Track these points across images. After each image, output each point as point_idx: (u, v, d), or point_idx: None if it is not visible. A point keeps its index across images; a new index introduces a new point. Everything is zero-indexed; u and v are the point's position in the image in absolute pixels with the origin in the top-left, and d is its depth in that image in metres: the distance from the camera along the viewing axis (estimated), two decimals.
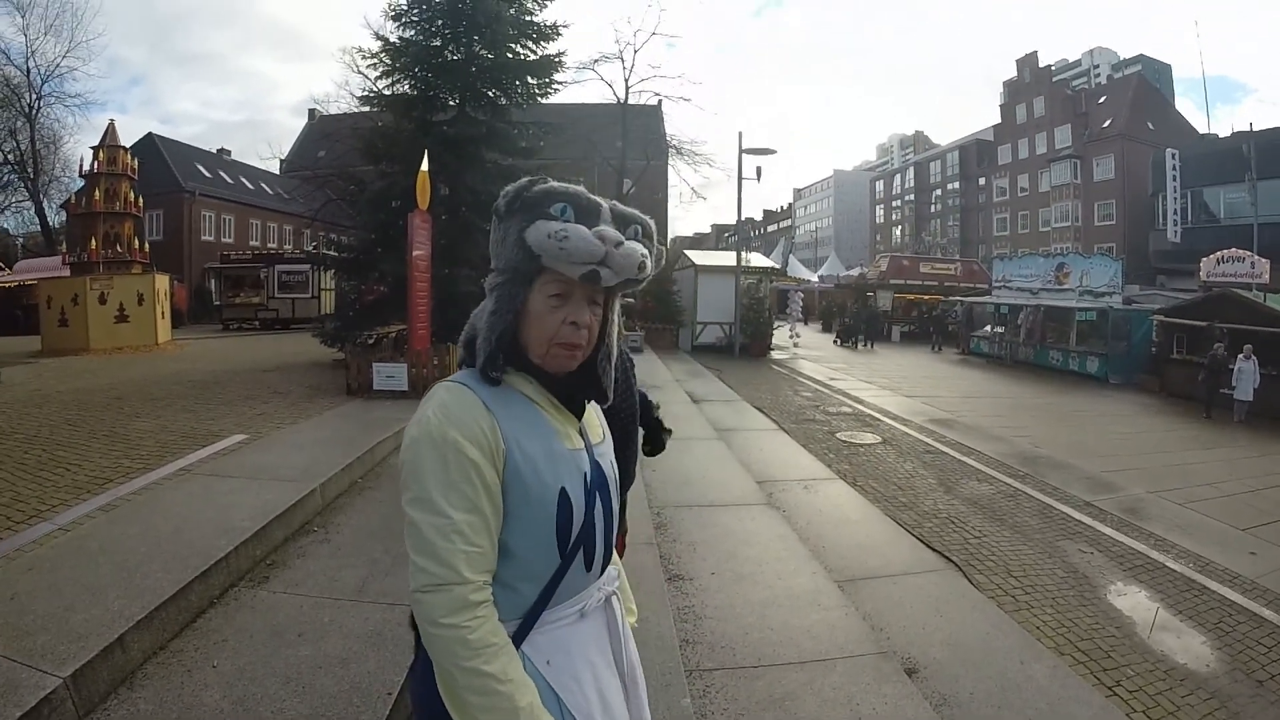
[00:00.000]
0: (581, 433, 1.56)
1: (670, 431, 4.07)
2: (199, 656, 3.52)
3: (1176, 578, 6.32)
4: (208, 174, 40.32)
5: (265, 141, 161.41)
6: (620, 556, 3.87)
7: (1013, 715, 3.86)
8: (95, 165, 19.20)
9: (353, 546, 5.12)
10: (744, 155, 24.49)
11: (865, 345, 31.92)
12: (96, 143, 19.53)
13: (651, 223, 1.58)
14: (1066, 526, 7.54)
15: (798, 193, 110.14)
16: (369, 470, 7.18)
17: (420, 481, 1.32)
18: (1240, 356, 15.77)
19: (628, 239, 1.44)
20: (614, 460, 1.66)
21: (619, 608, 1.67)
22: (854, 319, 33.35)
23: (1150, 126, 49.64)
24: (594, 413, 1.66)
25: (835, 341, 33.24)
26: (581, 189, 1.47)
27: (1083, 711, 3.97)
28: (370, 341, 13.18)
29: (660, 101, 35.20)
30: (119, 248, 19.22)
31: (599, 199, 1.47)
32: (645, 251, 1.47)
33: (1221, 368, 16.16)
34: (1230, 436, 13.96)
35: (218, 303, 32.55)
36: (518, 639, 1.39)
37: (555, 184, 1.45)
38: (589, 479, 1.50)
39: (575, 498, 1.45)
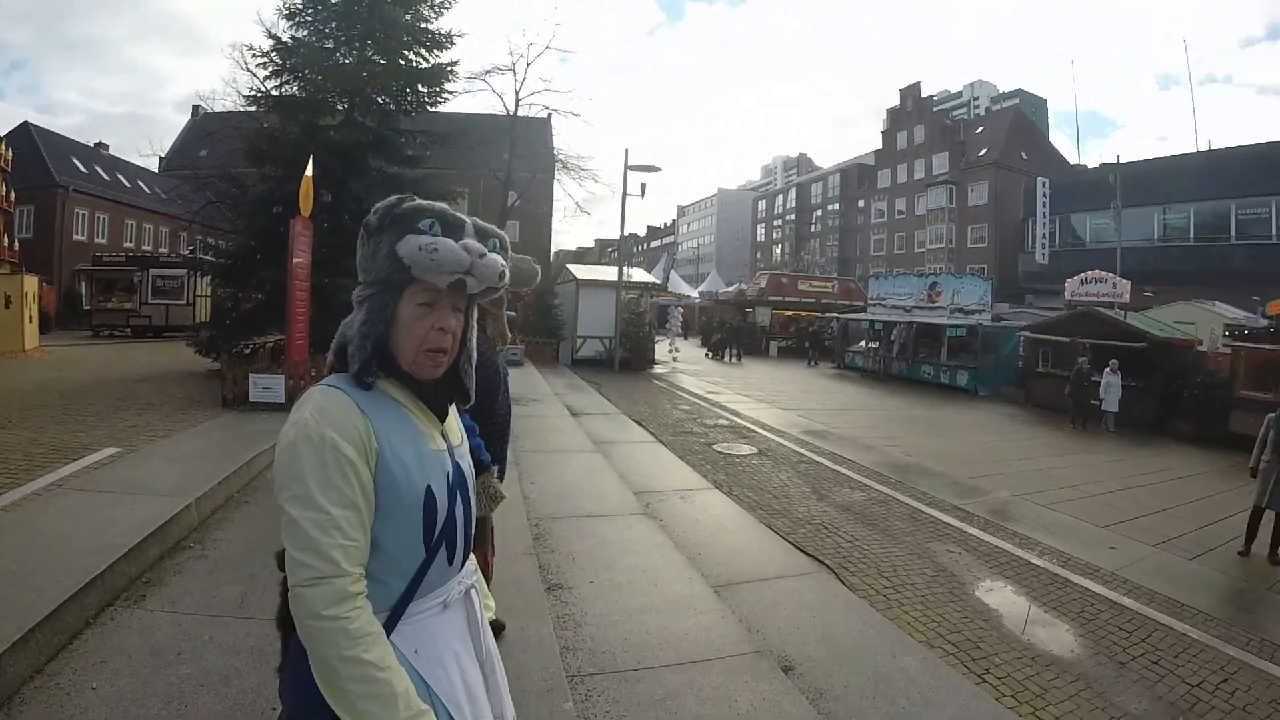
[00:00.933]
0: (444, 435, 1.67)
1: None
2: (77, 679, 3.45)
3: (1041, 573, 6.78)
4: (83, 169, 38.03)
5: (146, 138, 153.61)
6: (492, 554, 3.96)
7: (886, 705, 4.08)
8: None
9: (231, 562, 5.04)
10: (630, 171, 24.69)
11: (735, 358, 32.82)
12: None
13: (506, 236, 1.75)
14: (935, 529, 7.94)
15: (681, 210, 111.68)
16: (246, 484, 7.05)
17: (300, 480, 1.39)
18: (1107, 370, 16.87)
19: (489, 251, 1.57)
20: (470, 461, 1.78)
21: (477, 600, 1.77)
22: (724, 333, 34.27)
23: (1024, 156, 52.66)
24: (454, 417, 1.76)
25: (706, 355, 33.91)
26: (446, 206, 1.59)
27: (954, 699, 4.23)
28: (247, 351, 12.81)
29: (550, 115, 35.15)
30: None
31: (462, 215, 1.60)
32: (504, 262, 1.61)
33: (1085, 380, 17.14)
34: (1090, 443, 14.97)
35: (88, 307, 30.82)
36: (386, 630, 1.46)
37: (422, 201, 1.57)
38: (451, 478, 1.62)
39: (439, 496, 1.56)
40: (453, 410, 1.75)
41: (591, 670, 4.06)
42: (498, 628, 4.06)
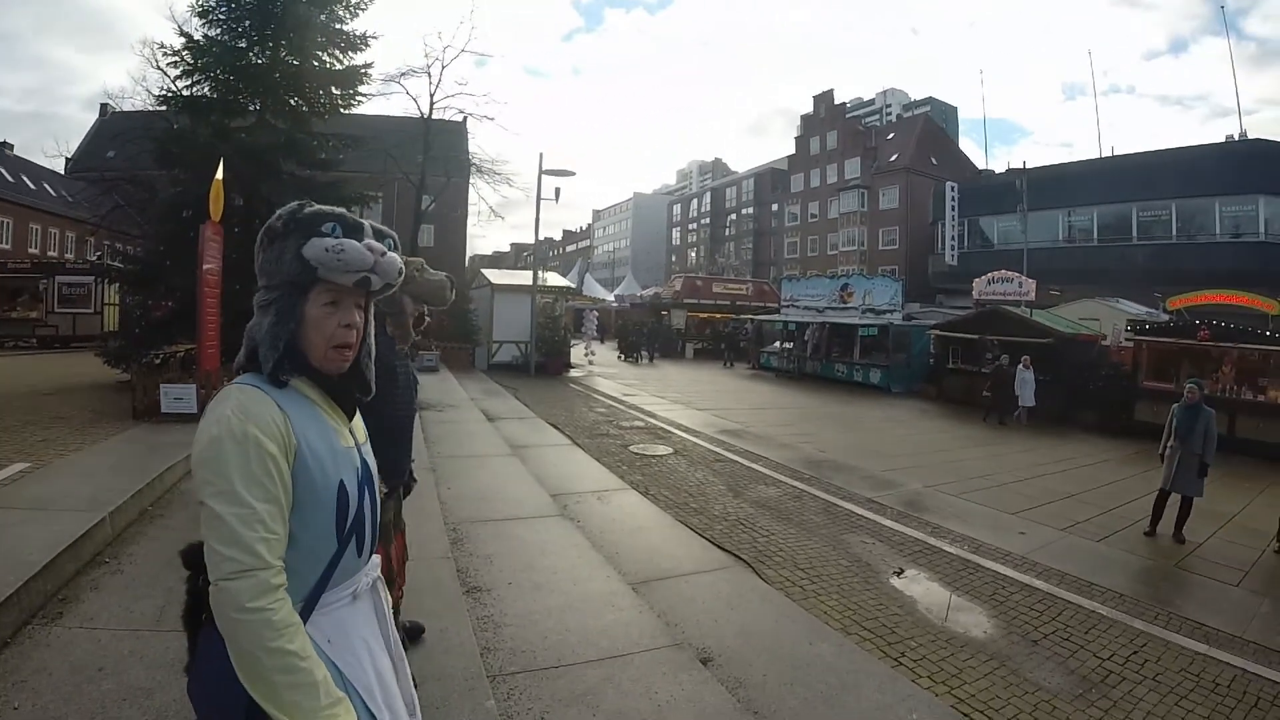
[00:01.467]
0: (351, 432, 1.76)
1: (415, 481, 4.12)
2: None
3: (953, 559, 7.09)
4: None
5: (52, 137, 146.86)
6: (402, 551, 4.02)
7: (804, 690, 4.25)
8: None
9: (148, 576, 4.98)
10: (544, 176, 24.62)
11: (649, 360, 33.29)
12: None
13: (396, 236, 1.93)
14: (850, 521, 8.20)
15: (597, 214, 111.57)
16: (159, 497, 6.94)
17: (224, 475, 1.44)
18: (1020, 366, 17.51)
19: (387, 250, 1.69)
20: (373, 458, 1.86)
21: (383, 591, 1.87)
22: (636, 335, 34.66)
23: (934, 161, 54.33)
24: (358, 418, 1.85)
25: (619, 357, 34.14)
26: (344, 211, 1.70)
27: (870, 682, 4.42)
28: (157, 361, 12.47)
29: (465, 119, 34.78)
30: None
31: (360, 219, 1.71)
32: (400, 260, 1.73)
33: (1006, 378, 17.73)
34: (1001, 435, 15.60)
35: None
36: (303, 619, 1.53)
37: (323, 206, 1.68)
38: (360, 473, 1.71)
39: (351, 489, 1.65)
40: (357, 412, 1.85)
41: (513, 669, 4.13)
42: (417, 630, 4.14)
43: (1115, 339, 20.78)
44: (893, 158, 55.80)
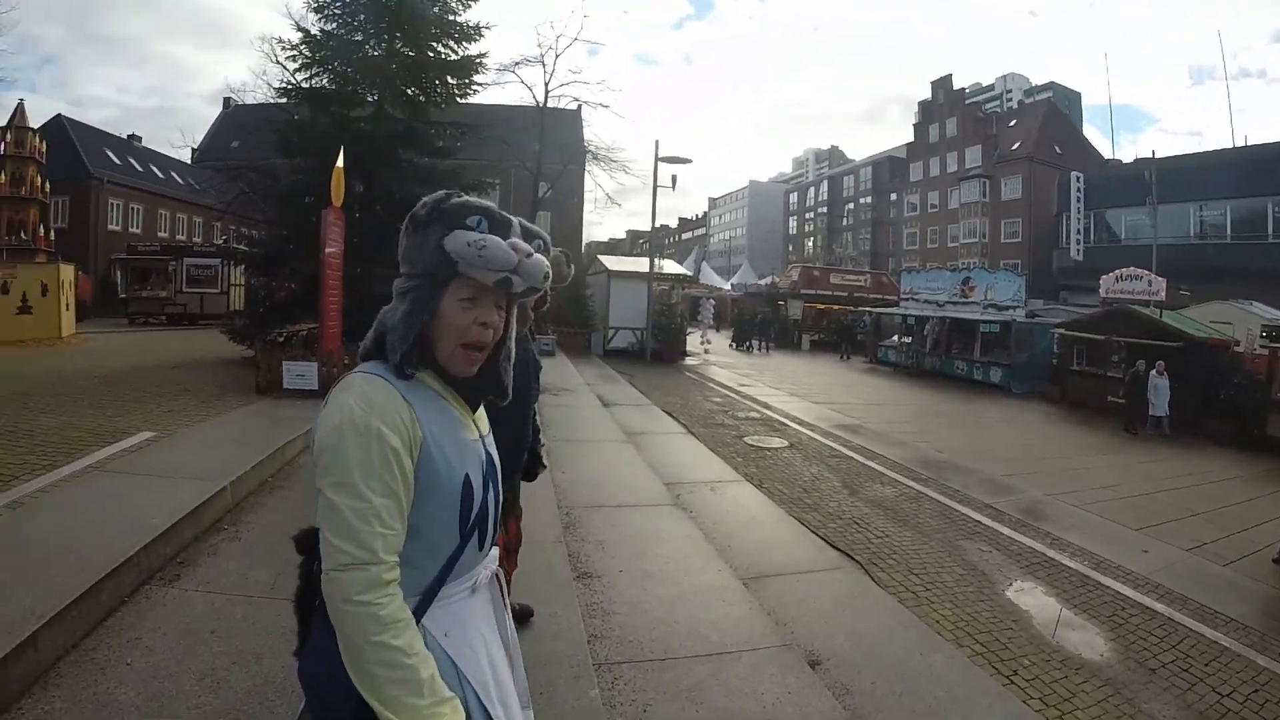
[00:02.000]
0: (475, 424, 1.69)
1: (545, 467, 4.14)
2: (112, 654, 3.51)
3: (1072, 574, 6.67)
4: (117, 160, 38.65)
5: (178, 129, 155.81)
6: (514, 538, 3.98)
7: (913, 703, 4.05)
8: (2, 147, 18.41)
9: (265, 545, 5.10)
10: (660, 163, 24.58)
11: (763, 350, 33.01)
12: (4, 123, 18.73)
13: (549, 238, 1.77)
14: (966, 527, 7.85)
15: (713, 202, 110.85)
16: (279, 469, 7.12)
17: (343, 466, 1.39)
18: (1154, 373, 16.34)
19: (534, 251, 1.58)
20: (495, 450, 1.78)
21: (501, 583, 1.81)
22: (748, 325, 34.53)
23: (1057, 150, 51.68)
24: (481, 410, 1.77)
25: (731, 345, 33.95)
26: (494, 204, 1.60)
27: (981, 699, 4.19)
28: (280, 339, 12.91)
29: (579, 107, 35.07)
30: (23, 235, 18.50)
31: (509, 215, 1.61)
32: (548, 264, 1.61)
33: (1142, 383, 16.54)
34: (1125, 444, 14.72)
35: (123, 295, 31.25)
36: (418, 614, 1.47)
37: (470, 198, 1.58)
38: (484, 466, 1.64)
39: (475, 483, 1.57)
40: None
41: (619, 659, 4.06)
42: (525, 613, 4.08)
43: (1249, 345, 19.35)
44: (1015, 146, 53.39)
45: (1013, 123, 57.58)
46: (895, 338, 29.90)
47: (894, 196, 66.47)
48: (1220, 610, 6.13)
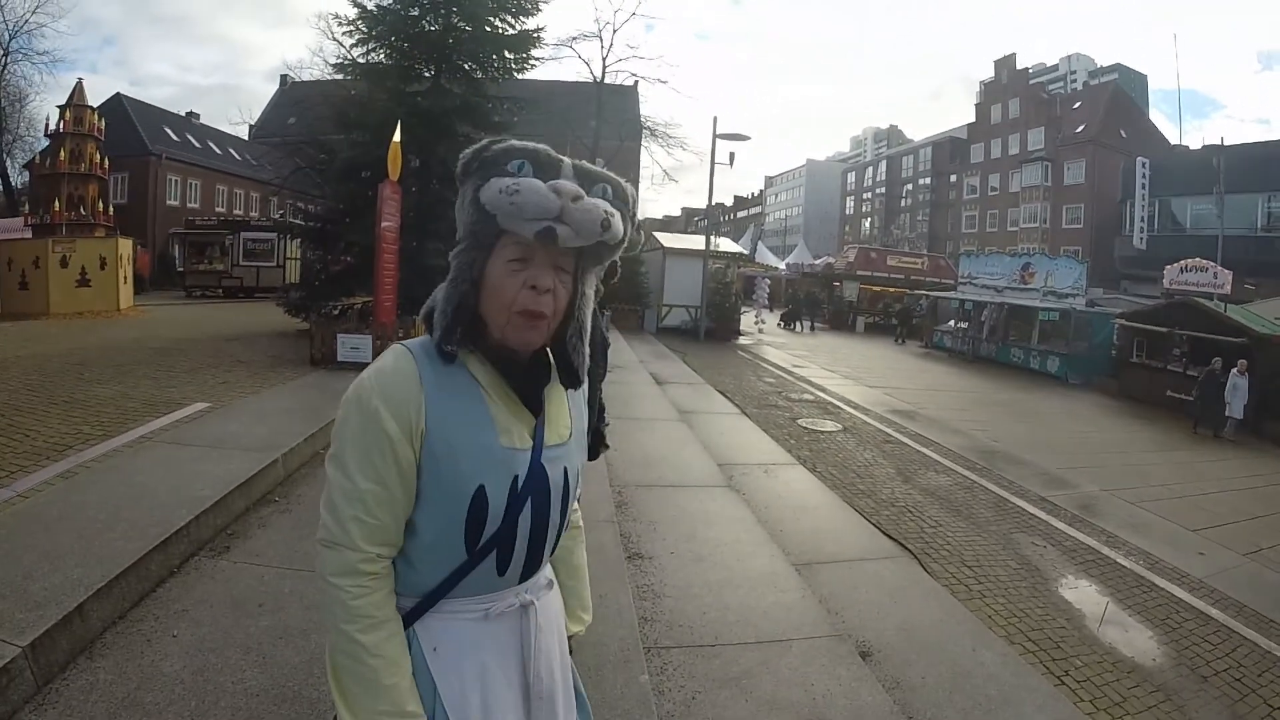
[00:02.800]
0: (537, 432, 1.42)
1: (608, 447, 4.15)
2: (159, 626, 3.52)
3: (1126, 574, 6.47)
4: (175, 137, 39.40)
5: (236, 106, 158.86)
6: None
7: (963, 700, 3.94)
8: (61, 125, 18.80)
9: (314, 518, 4.95)
10: (717, 140, 24.39)
11: (810, 329, 33.26)
12: (63, 102, 19.11)
13: (627, 185, 1.46)
14: (1021, 520, 7.66)
15: (769, 180, 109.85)
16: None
17: (341, 440, 1.30)
18: (1234, 371, 15.54)
19: (592, 196, 1.32)
20: (573, 466, 1.51)
21: (538, 620, 1.49)
22: (796, 304, 34.80)
23: (1122, 134, 50.23)
24: (566, 412, 1.52)
25: (779, 325, 33.83)
26: (542, 147, 1.36)
27: (1031, 698, 4.06)
28: (335, 312, 13.03)
29: (636, 83, 34.94)
30: (83, 210, 18.85)
31: (562, 157, 1.37)
32: (610, 209, 1.32)
33: (1217, 383, 15.71)
34: (1186, 441, 14.28)
35: (181, 269, 31.89)
36: (411, 617, 1.35)
37: (516, 142, 1.35)
38: (520, 482, 1.37)
39: (494, 498, 1.33)
40: (566, 402, 1.52)
41: (668, 643, 4.01)
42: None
43: None
44: (1078, 129, 51.91)
45: (1077, 105, 55.88)
46: (951, 323, 29.42)
47: (953, 178, 65.15)
48: (1276, 619, 5.90)
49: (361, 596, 1.27)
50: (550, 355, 1.45)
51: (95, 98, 21.26)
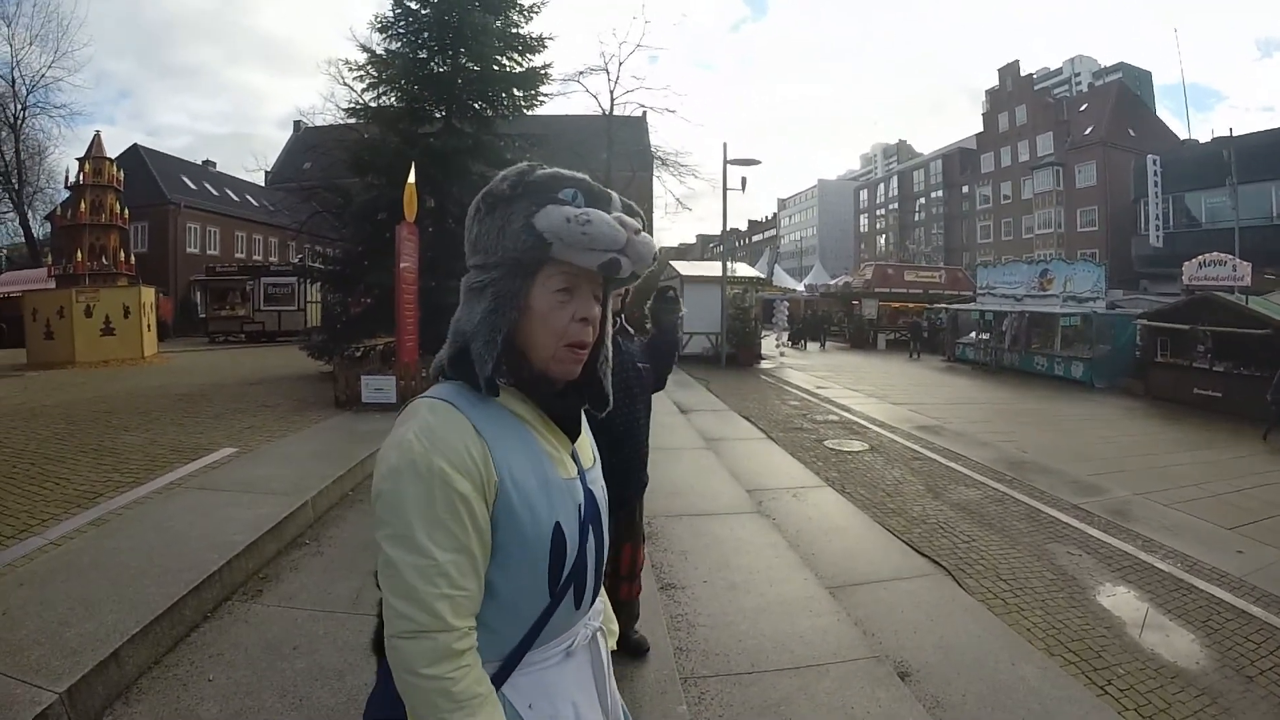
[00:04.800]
0: (575, 456, 1.42)
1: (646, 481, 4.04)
2: (194, 670, 3.53)
3: (1164, 577, 6.35)
4: (193, 185, 40.06)
5: (251, 154, 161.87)
6: (637, 563, 3.89)
7: (1005, 716, 3.87)
8: (81, 177, 19.13)
9: (345, 559, 5.12)
10: (729, 165, 24.46)
11: (819, 347, 33.82)
12: (82, 154, 19.45)
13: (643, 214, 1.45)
14: (1054, 529, 7.56)
15: (782, 202, 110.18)
16: (360, 483, 7.13)
17: (401, 516, 1.18)
18: None
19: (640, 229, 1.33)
20: (604, 485, 1.52)
21: (604, 644, 1.53)
22: (802, 324, 35.33)
23: (1131, 133, 50.14)
24: (585, 434, 1.50)
25: (787, 343, 34.08)
26: (586, 176, 1.36)
27: (1074, 710, 3.99)
28: (358, 354, 13.16)
29: (645, 113, 35.20)
30: (105, 260, 19.13)
31: (606, 188, 1.36)
32: (655, 243, 1.35)
33: None
34: (1211, 439, 14.03)
35: (203, 315, 32.31)
36: (498, 680, 1.27)
37: (560, 170, 1.34)
38: (583, 511, 1.37)
39: (570, 533, 1.32)
40: (585, 428, 1.51)
41: (705, 673, 3.96)
42: (642, 647, 3.94)
43: None
44: (1087, 130, 51.89)
45: (1084, 107, 55.88)
46: (973, 334, 29.27)
47: (965, 189, 65.30)
48: None
49: (465, 678, 1.17)
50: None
51: (113, 149, 21.68)
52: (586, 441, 1.50)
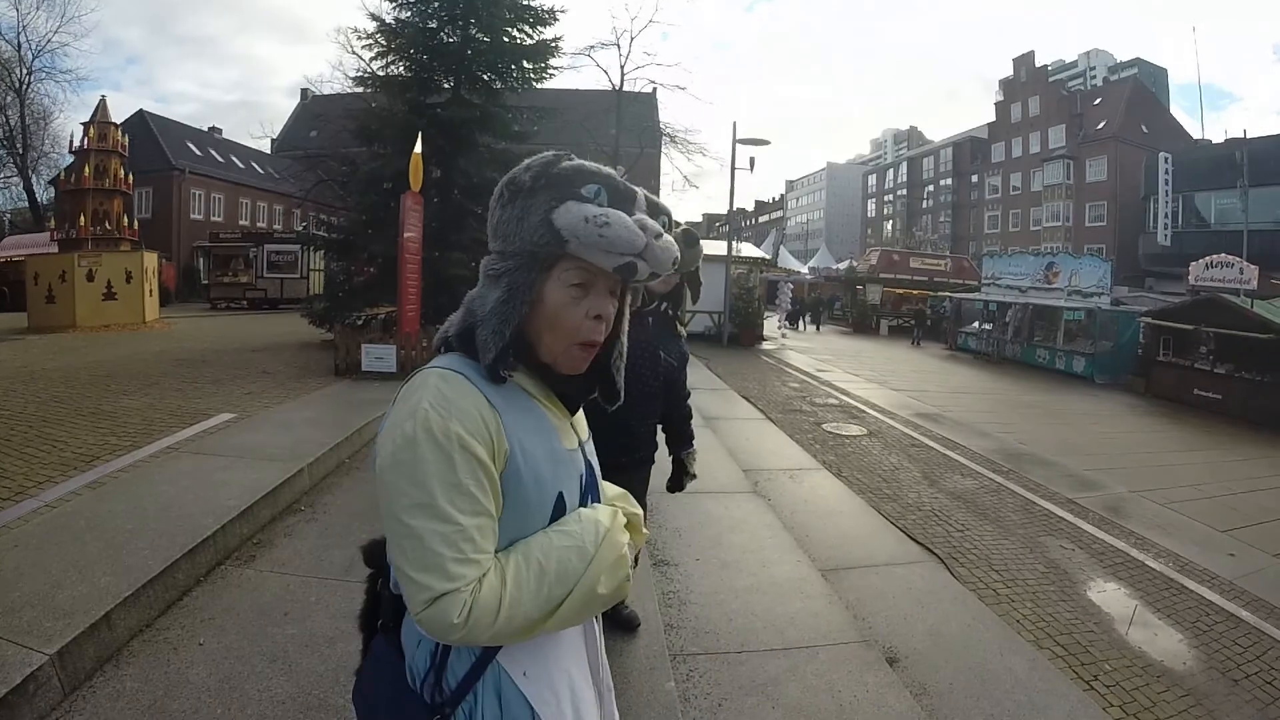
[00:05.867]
0: (574, 429, 1.44)
1: (694, 476, 4.18)
2: (185, 634, 3.54)
3: (1156, 576, 6.36)
4: (198, 152, 39.90)
5: (258, 121, 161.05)
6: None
7: (991, 706, 3.89)
8: (85, 141, 19.00)
9: (340, 526, 5.13)
10: (737, 145, 24.32)
11: (814, 328, 34.63)
12: (87, 119, 19.34)
13: (673, 212, 1.43)
14: (1048, 523, 7.57)
15: (790, 184, 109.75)
16: (357, 451, 7.16)
17: (422, 485, 1.15)
18: None
19: (663, 231, 1.31)
20: (595, 456, 1.53)
21: (597, 618, 1.53)
22: (799, 306, 35.84)
23: (1144, 130, 49.69)
24: (580, 413, 1.51)
25: (785, 322, 34.35)
26: (614, 171, 1.33)
27: (1060, 704, 4.00)
28: (359, 322, 13.14)
29: (655, 89, 35.10)
30: (108, 225, 19.03)
31: (634, 187, 1.34)
32: (676, 246, 1.33)
33: None
34: (1213, 440, 14.03)
35: (206, 281, 32.27)
36: (492, 650, 1.27)
37: (586, 163, 1.31)
38: (584, 480, 1.39)
39: (571, 502, 1.33)
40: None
41: (694, 650, 3.98)
42: (632, 622, 3.96)
43: None
44: (1100, 125, 51.42)
45: (1097, 101, 55.34)
46: (976, 324, 29.21)
47: (975, 178, 64.76)
48: None
49: (489, 582, 1.18)
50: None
51: (119, 114, 21.57)
52: (580, 417, 1.50)
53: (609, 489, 1.57)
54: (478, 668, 1.28)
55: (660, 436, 4.10)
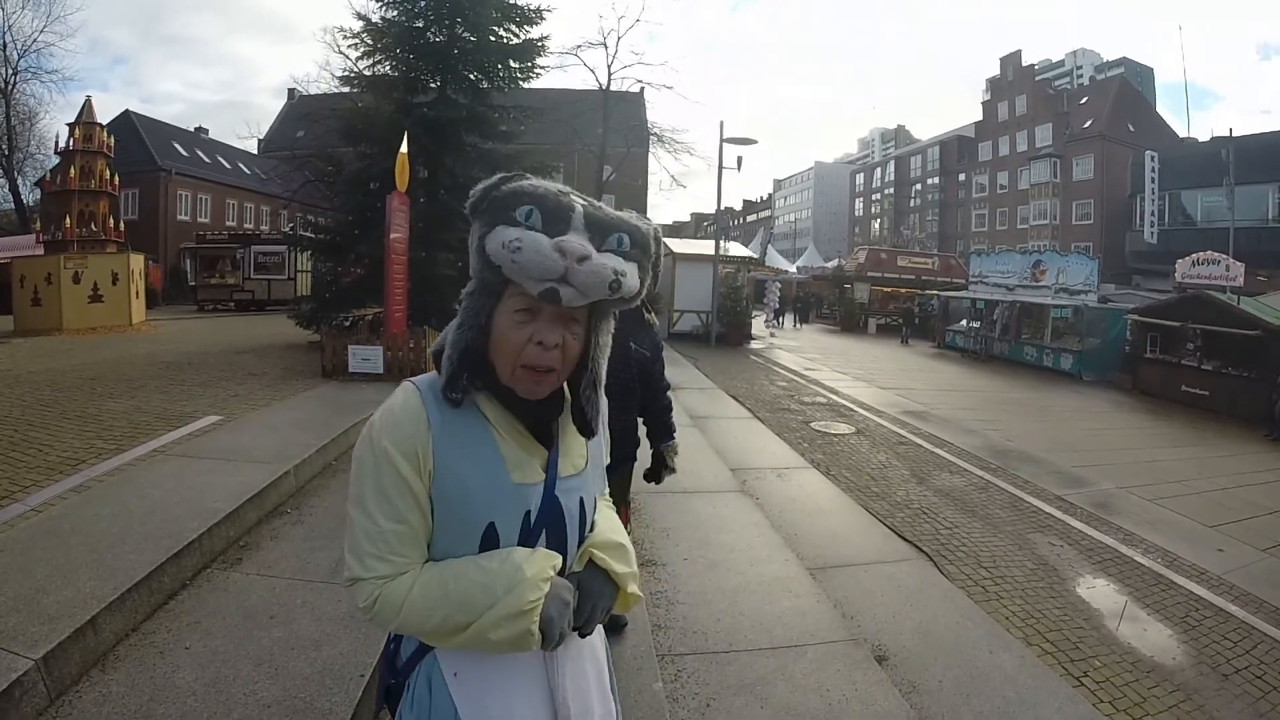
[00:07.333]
0: (550, 465, 1.41)
1: (673, 470, 4.13)
2: (171, 638, 3.51)
3: (1145, 572, 6.40)
4: (185, 153, 39.65)
5: (244, 121, 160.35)
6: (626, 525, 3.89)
7: (981, 703, 3.91)
8: (71, 142, 18.85)
9: (326, 529, 5.10)
10: (725, 144, 24.30)
11: (796, 325, 35.31)
12: (73, 119, 19.20)
13: (649, 228, 1.37)
14: (1037, 519, 7.61)
15: (778, 183, 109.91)
16: (343, 453, 7.08)
17: (359, 482, 1.31)
18: None
19: (604, 250, 1.26)
20: (589, 495, 1.50)
21: (585, 655, 1.51)
22: (781, 305, 35.83)
23: (1131, 128, 50.02)
24: (581, 442, 1.50)
25: (775, 320, 34.55)
26: (553, 190, 1.28)
27: (1050, 701, 4.03)
28: (346, 324, 13.08)
29: (642, 89, 35.12)
30: (94, 226, 18.88)
31: (575, 202, 1.28)
32: (619, 268, 1.26)
33: None
34: (1200, 437, 14.10)
35: (193, 283, 32.01)
36: (428, 646, 1.38)
37: (526, 183, 1.28)
38: (533, 517, 1.36)
39: (505, 535, 1.33)
40: (578, 438, 1.49)
41: (682, 650, 3.99)
42: (619, 623, 3.92)
43: None
44: (1086, 124, 51.74)
45: (1084, 100, 55.65)
46: (963, 322, 29.30)
47: (962, 177, 65.05)
48: None
49: (400, 583, 1.29)
50: (565, 389, 1.44)
51: (105, 115, 21.44)
52: (577, 450, 1.48)
53: (603, 536, 1.52)
54: (418, 654, 1.40)
55: (642, 431, 4.03)
